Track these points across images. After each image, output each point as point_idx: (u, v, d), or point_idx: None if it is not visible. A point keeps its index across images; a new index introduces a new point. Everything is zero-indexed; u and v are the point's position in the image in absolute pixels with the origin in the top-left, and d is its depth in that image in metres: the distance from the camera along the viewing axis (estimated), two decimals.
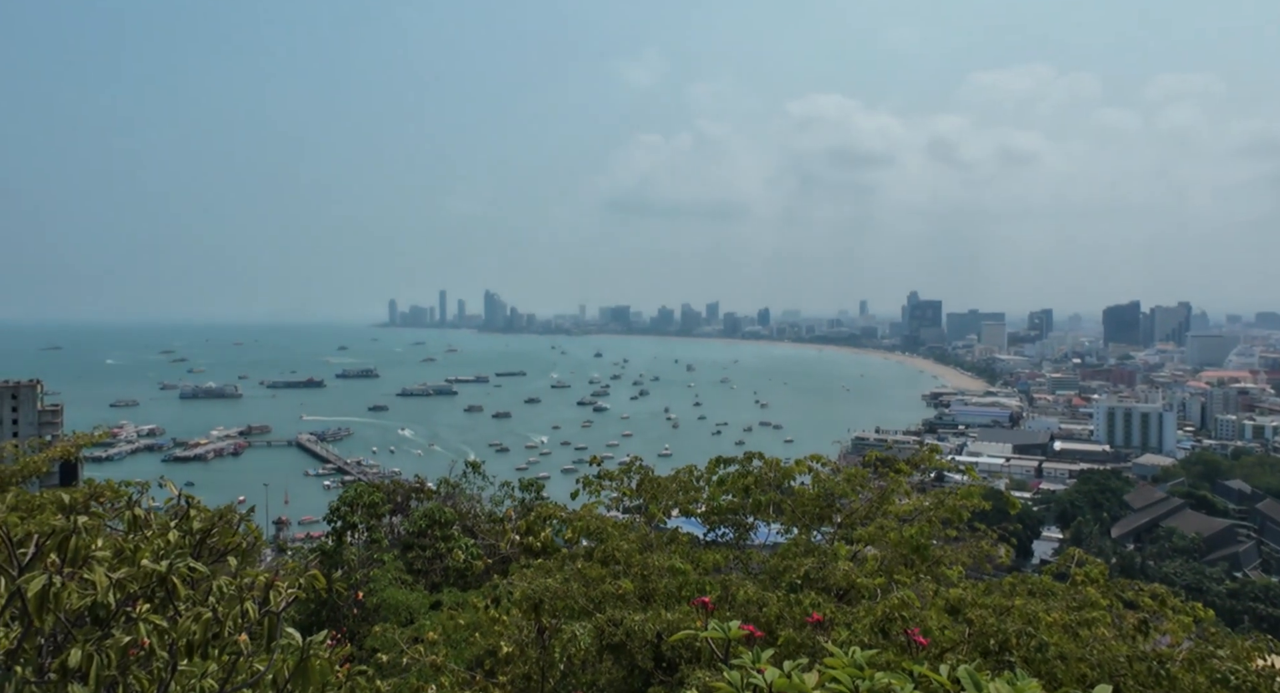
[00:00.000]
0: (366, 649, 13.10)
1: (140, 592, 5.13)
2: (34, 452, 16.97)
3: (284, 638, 5.62)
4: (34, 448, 17.58)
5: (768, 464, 13.90)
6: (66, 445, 16.94)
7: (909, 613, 7.25)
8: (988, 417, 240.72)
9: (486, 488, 25.43)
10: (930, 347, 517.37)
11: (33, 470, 16.10)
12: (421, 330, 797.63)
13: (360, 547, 19.49)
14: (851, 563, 9.38)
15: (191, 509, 6.31)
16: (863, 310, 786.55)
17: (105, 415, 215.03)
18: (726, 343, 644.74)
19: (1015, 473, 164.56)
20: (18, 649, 4.60)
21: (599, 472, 13.66)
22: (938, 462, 15.68)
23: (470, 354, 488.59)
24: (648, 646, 8.40)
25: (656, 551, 10.14)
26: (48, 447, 17.65)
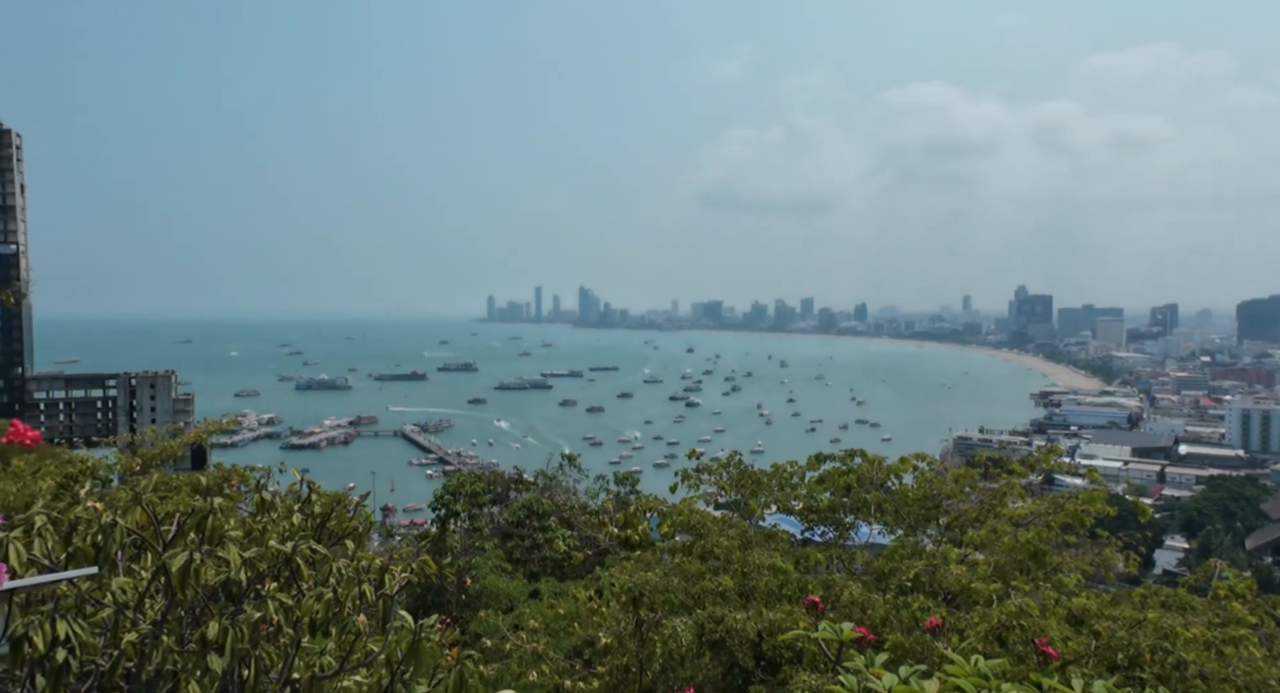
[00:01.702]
0: (471, 634, 13.50)
1: (268, 571, 5.42)
2: (169, 437, 18.32)
3: (396, 620, 5.84)
4: (169, 434, 18.97)
5: (869, 462, 13.50)
6: (198, 432, 18.19)
7: (1028, 622, 6.86)
8: (1103, 418, 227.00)
9: (582, 481, 25.81)
10: (1040, 344, 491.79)
11: (169, 455, 17.37)
12: (518, 325, 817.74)
13: (463, 535, 20.12)
14: (963, 567, 8.97)
15: (312, 494, 6.66)
16: (966, 306, 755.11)
17: (230, 404, 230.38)
18: (821, 339, 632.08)
19: (1134, 477, 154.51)
20: (163, 620, 4.91)
21: (697, 466, 13.58)
22: (1055, 463, 14.87)
23: (565, 349, 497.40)
24: (748, 644, 8.29)
25: (756, 548, 10.00)
26: (181, 433, 19.01)
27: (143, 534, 5.10)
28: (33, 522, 4.95)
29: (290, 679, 5.42)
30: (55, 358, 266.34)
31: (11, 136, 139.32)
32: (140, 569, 5.38)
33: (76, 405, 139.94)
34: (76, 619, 4.45)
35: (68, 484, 14.48)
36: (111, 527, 4.73)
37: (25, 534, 4.85)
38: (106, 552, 4.69)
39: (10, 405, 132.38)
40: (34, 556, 4.69)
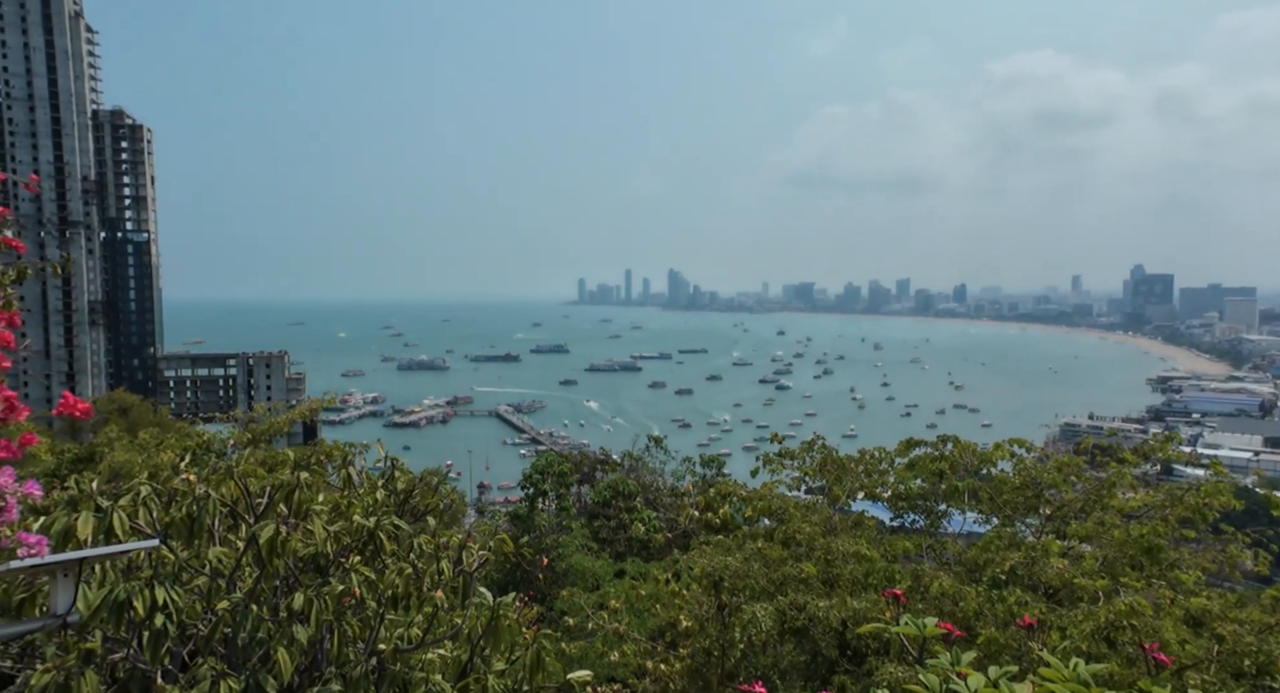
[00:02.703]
0: (556, 611, 13.71)
1: (352, 545, 5.58)
2: (278, 414, 19.34)
3: (476, 597, 5.92)
4: (279, 411, 20.03)
5: (962, 448, 12.87)
6: (303, 409, 19.12)
7: (1139, 622, 6.34)
8: (1230, 405, 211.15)
9: (668, 462, 25.83)
10: (1158, 326, 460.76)
11: (277, 431, 18.33)
12: (608, 308, 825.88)
13: (550, 514, 20.48)
14: (1065, 561, 8.42)
15: (396, 471, 6.84)
16: (1075, 286, 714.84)
17: (337, 384, 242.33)
18: (918, 321, 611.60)
19: (1266, 469, 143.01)
20: (255, 590, 5.12)
21: (780, 450, 13.29)
22: (1173, 453, 13.82)
23: (654, 331, 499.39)
24: (832, 633, 8.05)
25: (841, 534, 9.69)
26: (289, 410, 20.04)
27: (235, 508, 5.33)
28: (139, 491, 5.25)
29: (375, 650, 5.59)
30: (183, 339, 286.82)
31: (143, 132, 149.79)
32: (235, 540, 5.62)
33: (201, 383, 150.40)
34: (174, 586, 4.69)
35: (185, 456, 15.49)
36: (205, 499, 4.95)
37: (132, 503, 5.15)
38: (200, 522, 4.92)
39: (143, 383, 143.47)
40: (137, 524, 4.97)
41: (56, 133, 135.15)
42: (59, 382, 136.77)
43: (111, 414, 35.88)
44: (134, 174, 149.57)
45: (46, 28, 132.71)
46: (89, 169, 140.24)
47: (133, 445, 16.30)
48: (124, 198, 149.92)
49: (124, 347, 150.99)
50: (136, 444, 16.29)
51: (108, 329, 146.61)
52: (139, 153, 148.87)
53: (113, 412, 36.47)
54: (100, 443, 16.94)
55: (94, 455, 16.77)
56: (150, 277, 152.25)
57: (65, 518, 4.59)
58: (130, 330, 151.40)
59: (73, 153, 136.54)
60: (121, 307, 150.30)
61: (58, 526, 4.59)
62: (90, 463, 16.40)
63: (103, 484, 5.09)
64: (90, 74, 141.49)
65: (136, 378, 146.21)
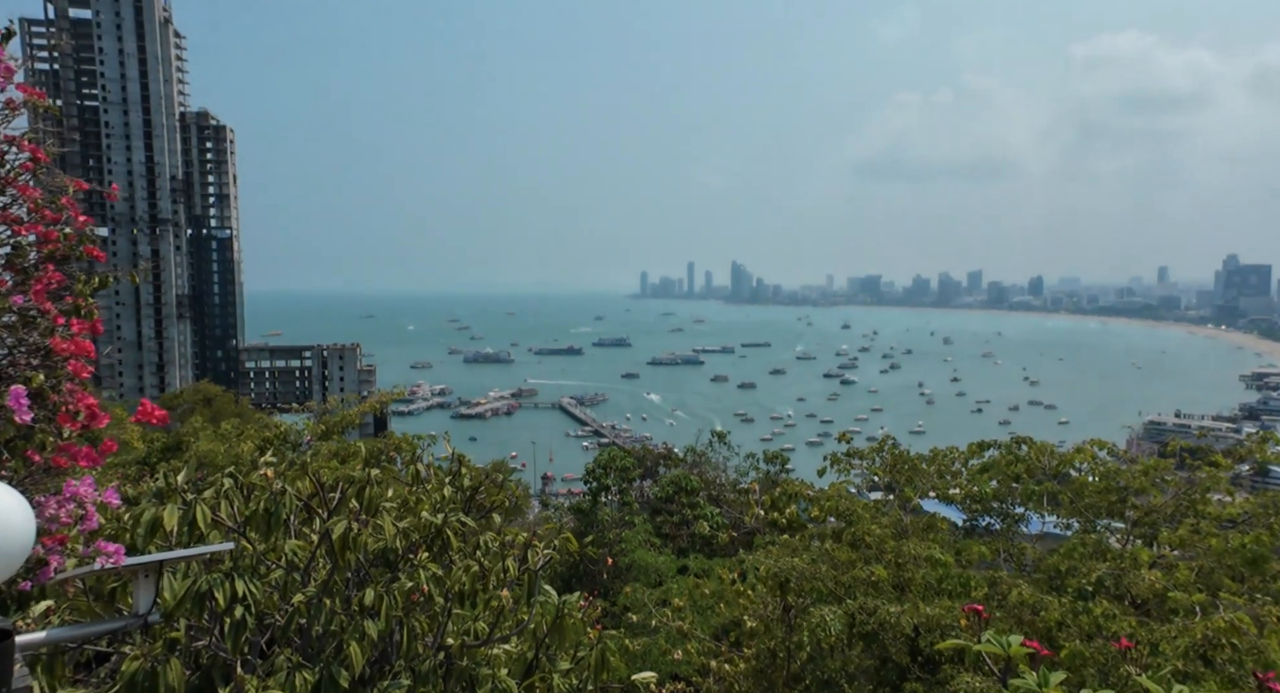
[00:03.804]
0: (619, 607, 13.73)
1: (420, 541, 5.65)
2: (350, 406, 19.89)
3: (541, 595, 5.94)
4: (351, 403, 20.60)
5: (1038, 450, 12.36)
6: (373, 402, 19.63)
7: (1241, 640, 5.94)
8: None
9: (732, 458, 25.62)
10: (1254, 319, 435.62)
11: (349, 422, 18.86)
12: (670, 301, 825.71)
13: (613, 508, 20.54)
14: (1157, 572, 7.98)
15: (463, 467, 6.90)
16: (1161, 277, 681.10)
17: (407, 376, 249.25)
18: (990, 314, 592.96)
19: None
20: (328, 583, 5.22)
21: (847, 450, 13.00)
22: (1270, 454, 13.02)
23: (716, 325, 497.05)
24: (903, 639, 7.81)
25: (912, 537, 9.40)
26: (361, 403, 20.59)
27: (309, 502, 5.45)
28: (222, 485, 5.42)
29: (443, 645, 5.66)
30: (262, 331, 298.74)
31: (226, 132, 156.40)
32: (311, 533, 5.75)
33: (279, 374, 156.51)
34: (252, 579, 4.82)
35: (264, 447, 16.07)
36: (281, 494, 5.08)
37: (215, 496, 5.32)
38: (277, 516, 5.05)
39: (227, 374, 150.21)
40: (218, 516, 5.13)
41: (148, 135, 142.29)
42: (150, 371, 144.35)
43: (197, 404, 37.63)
44: (218, 173, 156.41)
45: (139, 34, 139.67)
46: (177, 169, 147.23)
47: (216, 435, 17.01)
48: (209, 196, 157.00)
49: (209, 339, 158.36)
50: (219, 434, 16.99)
51: (194, 322, 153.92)
52: (222, 152, 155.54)
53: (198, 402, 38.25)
54: (186, 433, 17.75)
55: (180, 445, 17.57)
56: (233, 272, 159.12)
57: (153, 510, 4.76)
58: (214, 323, 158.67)
59: (162, 153, 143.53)
60: (206, 300, 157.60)
61: (146, 516, 4.76)
62: (177, 452, 17.19)
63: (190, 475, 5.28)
64: (178, 77, 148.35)
65: (220, 369, 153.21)
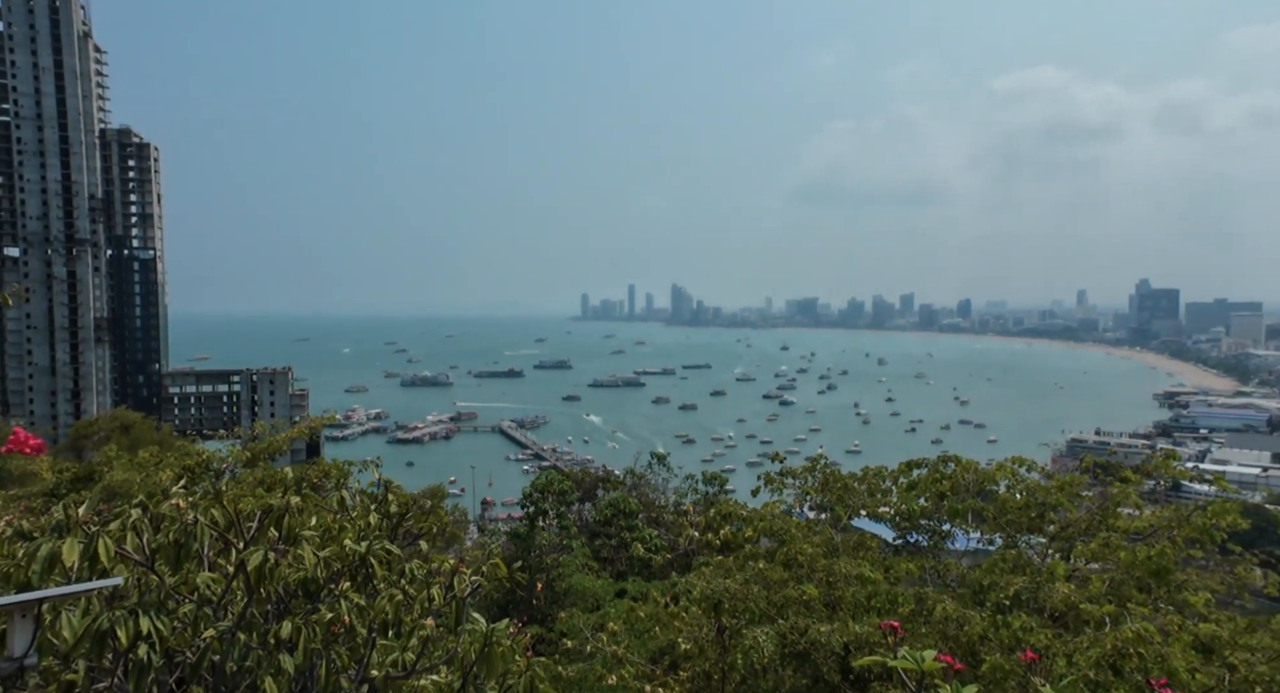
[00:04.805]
0: (555, 633, 13.54)
1: (343, 570, 5.49)
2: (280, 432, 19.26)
3: (470, 623, 5.82)
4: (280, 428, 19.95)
5: (963, 467, 12.74)
6: (304, 427, 19.05)
7: (1147, 650, 6.20)
8: (1238, 420, 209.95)
9: (671, 480, 25.65)
10: (1164, 341, 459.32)
11: (277, 449, 18.26)
12: (611, 323, 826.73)
13: (551, 532, 20.30)
14: (1071, 585, 8.27)
15: (390, 494, 6.75)
16: (1080, 301, 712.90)
17: (341, 400, 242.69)
18: (922, 336, 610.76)
19: (1275, 485, 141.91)
20: (244, 617, 5.03)
21: (781, 469, 13.16)
22: (1175, 470, 13.68)
23: (657, 347, 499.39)
24: (834, 658, 7.90)
25: (843, 556, 9.55)
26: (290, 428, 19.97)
27: (223, 533, 5.25)
28: (129, 516, 5.18)
29: (367, 677, 5.49)
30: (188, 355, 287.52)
31: (150, 150, 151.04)
32: (226, 565, 5.54)
33: (205, 400, 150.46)
34: (160, 615, 4.60)
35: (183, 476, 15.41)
36: (193, 524, 4.88)
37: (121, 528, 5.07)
38: (188, 548, 4.84)
39: (148, 399, 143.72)
40: (124, 550, 4.89)
41: (65, 152, 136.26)
42: (65, 398, 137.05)
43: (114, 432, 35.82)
44: (141, 192, 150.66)
45: (55, 48, 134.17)
46: (96, 187, 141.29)
47: (132, 464, 16.24)
48: (131, 216, 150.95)
49: (129, 363, 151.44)
50: (135, 463, 16.22)
51: (113, 346, 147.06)
52: (146, 171, 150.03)
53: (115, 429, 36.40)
54: (99, 462, 16.88)
55: (93, 475, 16.70)
56: (156, 293, 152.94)
57: (50, 543, 4.51)
58: (135, 347, 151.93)
59: (80, 171, 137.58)
60: (127, 323, 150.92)
61: (43, 551, 4.51)
62: (89, 482, 16.33)
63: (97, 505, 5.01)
64: (98, 93, 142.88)
65: (141, 395, 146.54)
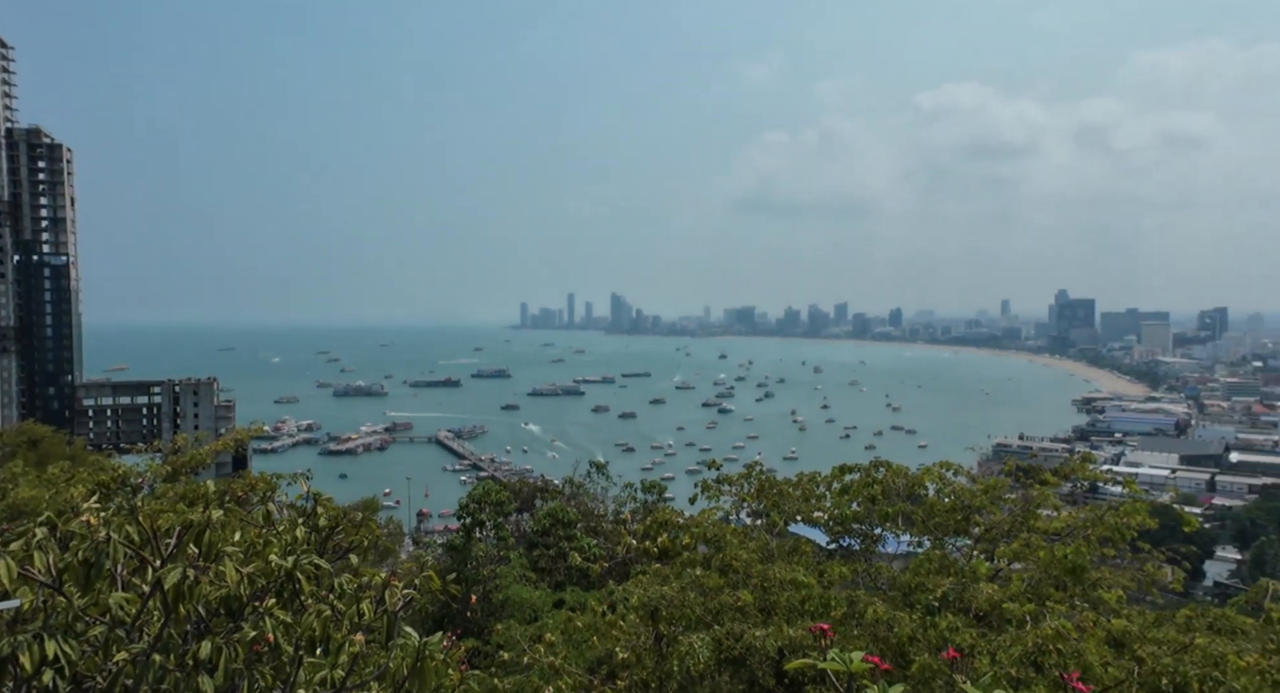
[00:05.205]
0: (492, 645, 13.33)
1: (268, 587, 5.30)
2: (199, 445, 18.52)
3: (402, 637, 5.67)
4: (204, 441, 19.19)
5: (893, 472, 13.10)
6: (229, 439, 18.36)
7: (1065, 646, 6.47)
8: (1149, 424, 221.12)
9: (610, 488, 25.60)
10: (1081, 349, 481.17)
11: (200, 462, 17.56)
12: (551, 332, 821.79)
13: (488, 543, 20.02)
14: (994, 585, 8.57)
15: (319, 507, 6.55)
16: (1004, 310, 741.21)
17: (270, 411, 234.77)
18: (856, 344, 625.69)
19: (1182, 486, 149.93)
20: (160, 638, 4.81)
21: (718, 477, 13.29)
22: (1090, 472, 14.34)
23: (597, 355, 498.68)
24: (769, 662, 8.00)
25: (778, 561, 9.69)
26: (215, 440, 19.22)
27: (139, 551, 5.01)
28: (34, 534, 4.90)
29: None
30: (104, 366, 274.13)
31: (62, 152, 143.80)
32: (141, 584, 5.29)
33: (123, 412, 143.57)
34: (68, 638, 4.36)
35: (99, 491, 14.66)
36: (105, 542, 4.64)
37: (25, 547, 4.80)
38: (99, 567, 4.60)
39: (60, 412, 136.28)
40: (28, 571, 4.62)
41: None
42: None
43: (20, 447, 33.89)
44: (52, 195, 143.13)
45: None
46: (2, 189, 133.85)
47: (40, 480, 15.38)
48: (41, 219, 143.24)
49: (38, 374, 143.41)
50: (44, 480, 15.37)
51: (21, 356, 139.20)
52: (58, 173, 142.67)
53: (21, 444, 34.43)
54: (3, 479, 15.92)
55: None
56: (69, 301, 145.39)
57: None
58: (46, 357, 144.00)
59: None
60: (36, 332, 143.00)
61: None
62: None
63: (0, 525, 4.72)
64: (4, 91, 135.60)
65: (52, 407, 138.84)
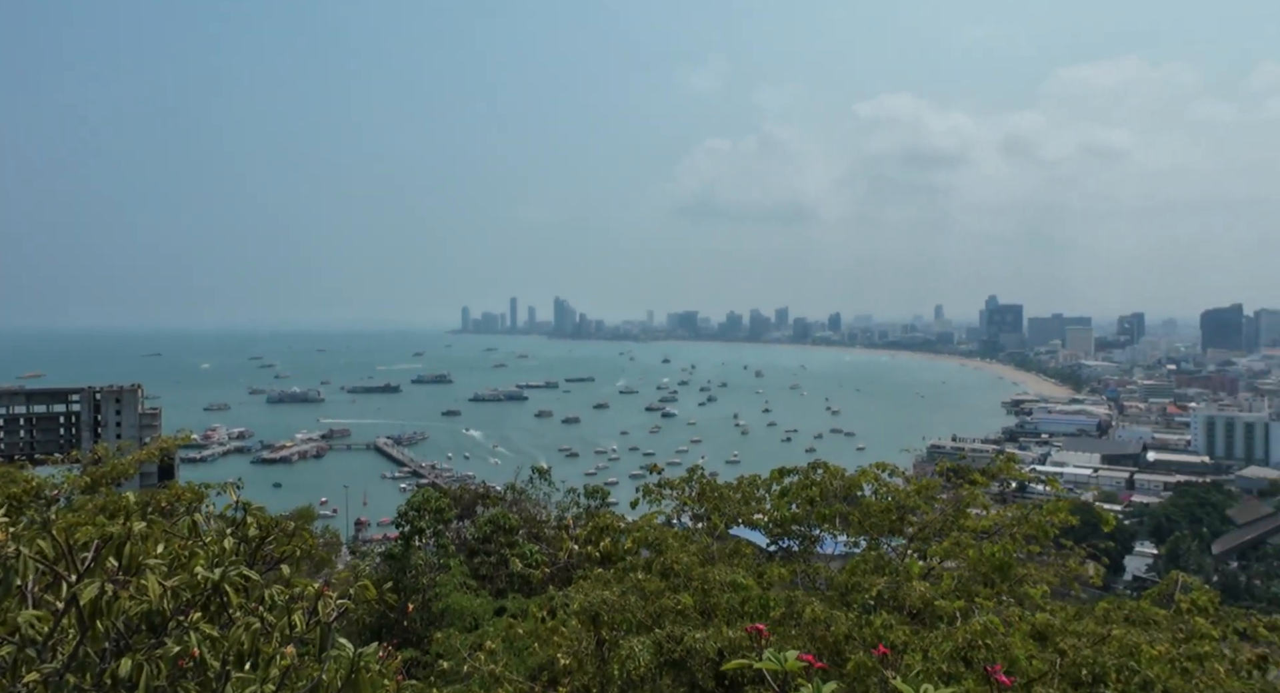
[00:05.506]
0: (431, 655, 13.11)
1: (194, 600, 5.11)
2: (121, 456, 17.75)
3: (336, 649, 5.53)
4: (127, 450, 18.38)
5: (831, 473, 13.38)
6: (152, 449, 17.64)
7: (993, 640, 6.71)
8: (1073, 425, 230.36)
9: (554, 494, 25.47)
10: (1010, 352, 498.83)
11: (123, 473, 16.81)
12: (493, 337, 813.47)
13: (428, 551, 19.68)
14: (926, 583, 8.83)
15: (248, 516, 6.34)
16: (938, 315, 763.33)
17: (199, 419, 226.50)
18: (796, 349, 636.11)
19: (1104, 484, 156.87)
20: (75, 657, 4.60)
21: (659, 481, 13.37)
22: (1015, 472, 14.87)
23: (540, 360, 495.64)
24: (709, 664, 8.07)
25: (719, 563, 9.79)
26: (139, 450, 18.43)
27: (52, 566, 4.78)
28: None
29: None
30: (18, 373, 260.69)
31: None
32: (55, 601, 5.05)
33: (38, 421, 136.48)
34: None
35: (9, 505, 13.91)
36: (14, 557, 4.42)
37: None
38: (7, 583, 4.38)
39: None
40: None
41: None
42: None
43: None
44: None
45: None
46: None
47: None
48: None
49: None
50: None
51: None
52: None
53: None
54: None
55: None
56: None
57: None
58: None
59: None
60: None
61: None
62: None
63: None
64: None
65: None
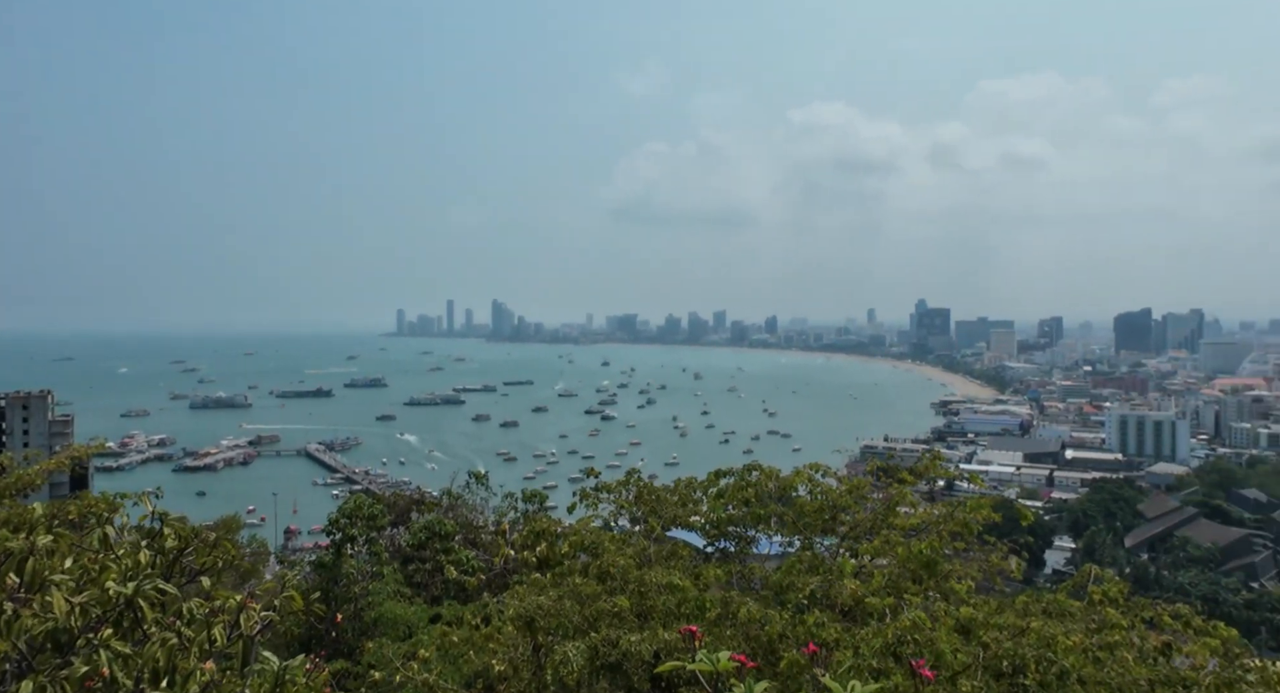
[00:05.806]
0: (363, 666, 12.80)
1: (105, 616, 4.87)
2: (33, 464, 16.79)
3: (260, 663, 5.35)
4: (35, 459, 17.39)
5: (766, 475, 13.58)
6: (62, 457, 16.74)
7: (920, 635, 6.91)
8: (998, 425, 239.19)
9: (491, 499, 25.17)
10: (939, 354, 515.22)
11: (26, 484, 15.89)
12: (429, 340, 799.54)
13: (361, 559, 19.22)
14: (858, 581, 9.05)
15: (166, 527, 6.06)
16: (870, 318, 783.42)
17: (116, 425, 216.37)
18: (734, 351, 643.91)
19: (1026, 482, 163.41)
20: None
21: (596, 484, 13.35)
22: (941, 470, 15.34)
23: (478, 363, 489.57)
24: (645, 666, 8.08)
25: (655, 566, 9.83)
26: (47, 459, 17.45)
27: None
28: None
29: None
30: None
31: None
32: None
33: None
34: None
35: None
36: None
37: None
38: None
39: None
40: None
41: None
42: None
43: None
44: None
45: None
46: None
47: None
48: None
49: None
50: None
51: None
52: None
53: None
54: None
55: None
56: None
57: None
58: None
59: None
60: None
61: None
62: None
63: None
64: None
65: None
